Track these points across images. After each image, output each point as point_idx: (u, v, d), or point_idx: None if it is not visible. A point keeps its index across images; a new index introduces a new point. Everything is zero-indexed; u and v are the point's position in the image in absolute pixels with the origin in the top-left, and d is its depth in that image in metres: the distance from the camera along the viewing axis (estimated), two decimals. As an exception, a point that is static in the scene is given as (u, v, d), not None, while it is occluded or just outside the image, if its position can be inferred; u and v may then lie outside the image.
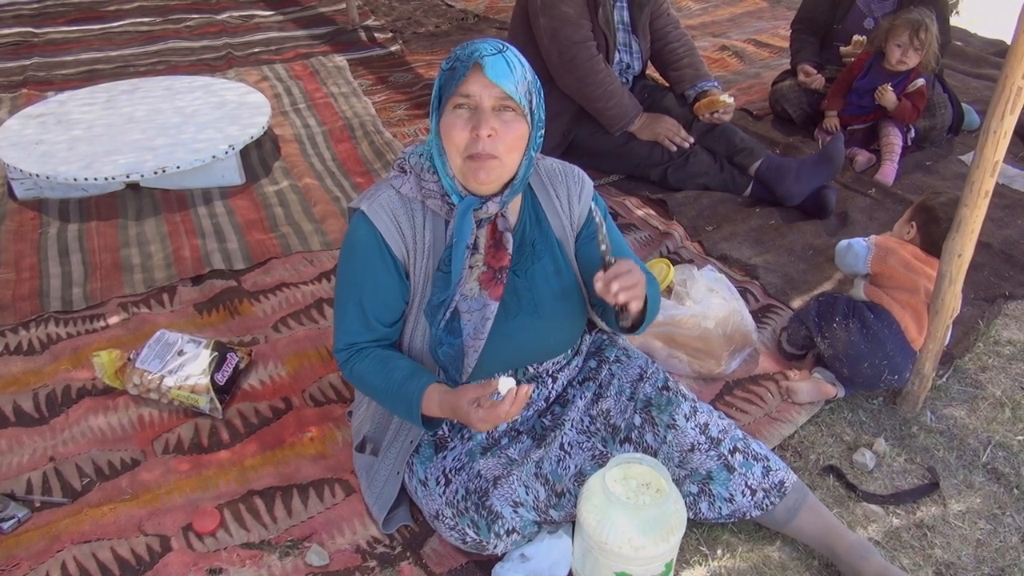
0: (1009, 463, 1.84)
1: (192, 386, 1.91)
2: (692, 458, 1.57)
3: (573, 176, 1.61)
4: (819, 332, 1.99)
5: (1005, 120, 1.56)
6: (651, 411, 1.61)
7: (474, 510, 1.50)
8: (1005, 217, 2.76)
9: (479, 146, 1.36)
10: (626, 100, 2.81)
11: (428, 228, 1.48)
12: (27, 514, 1.69)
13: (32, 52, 4.20)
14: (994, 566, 1.61)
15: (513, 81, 1.35)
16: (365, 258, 1.48)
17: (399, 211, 1.47)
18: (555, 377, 1.68)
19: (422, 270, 1.49)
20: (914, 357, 1.92)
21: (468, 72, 1.33)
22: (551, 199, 1.58)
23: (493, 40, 1.39)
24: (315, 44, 4.43)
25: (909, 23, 2.88)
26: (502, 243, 1.48)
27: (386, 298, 1.50)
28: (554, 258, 1.57)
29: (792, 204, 2.76)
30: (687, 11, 4.98)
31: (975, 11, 4.96)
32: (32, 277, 2.46)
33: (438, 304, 1.47)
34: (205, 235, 2.67)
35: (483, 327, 1.49)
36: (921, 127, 3.12)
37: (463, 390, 1.40)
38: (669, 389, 1.64)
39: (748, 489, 1.57)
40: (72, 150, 2.84)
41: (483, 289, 1.48)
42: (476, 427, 1.38)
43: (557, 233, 1.58)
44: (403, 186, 1.48)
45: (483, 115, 1.35)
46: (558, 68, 2.77)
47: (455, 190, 1.44)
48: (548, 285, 1.55)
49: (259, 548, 1.62)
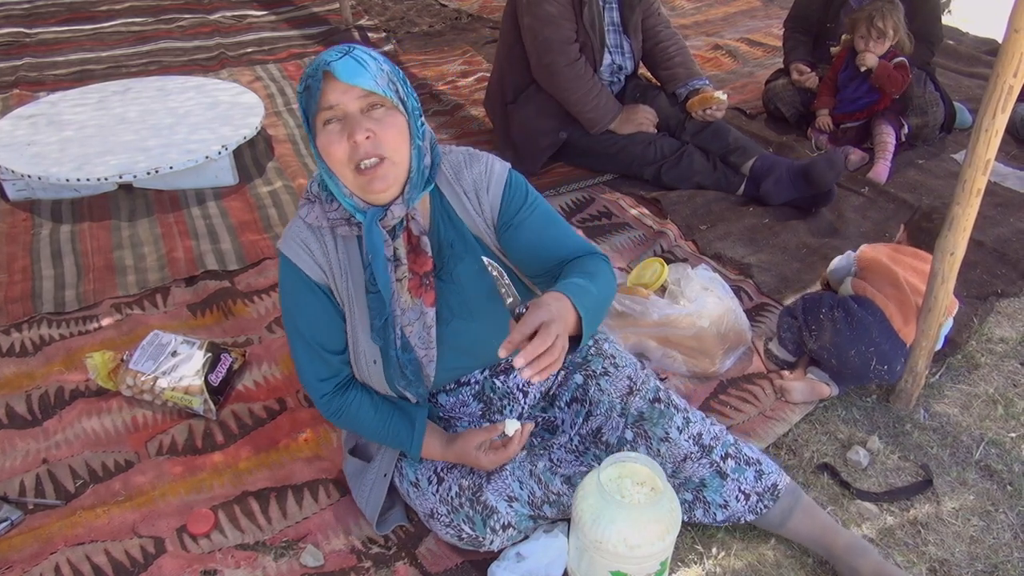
0: (1002, 460, 1.85)
1: (186, 387, 1.91)
2: (685, 467, 1.57)
3: (479, 165, 1.51)
4: (806, 326, 2.00)
5: (997, 118, 1.57)
6: (643, 425, 1.59)
7: (469, 505, 1.50)
8: (997, 215, 2.77)
9: (361, 151, 1.31)
10: (603, 102, 2.81)
11: (341, 251, 1.45)
12: (20, 517, 1.68)
13: (23, 52, 4.18)
14: (987, 563, 1.62)
15: (370, 76, 1.30)
16: (294, 294, 1.48)
17: (308, 239, 1.45)
18: (525, 392, 1.66)
19: (345, 292, 1.46)
20: (904, 350, 1.93)
21: (322, 83, 1.29)
22: (459, 197, 1.50)
23: (338, 46, 1.34)
24: (308, 44, 4.42)
25: (864, 16, 2.96)
26: (420, 247, 1.44)
27: (326, 327, 1.48)
28: (475, 256, 1.50)
29: (771, 204, 2.78)
30: (680, 10, 4.99)
31: (967, 10, 4.98)
32: (24, 279, 2.45)
33: (382, 325, 1.43)
34: (198, 236, 2.66)
35: (428, 335, 1.47)
36: (913, 125, 3.13)
37: (469, 437, 1.51)
38: (660, 401, 1.61)
39: (742, 494, 1.57)
40: (64, 151, 2.83)
41: (415, 297, 1.45)
42: (485, 468, 1.50)
43: (473, 231, 1.51)
44: (309, 215, 1.44)
45: (353, 120, 1.31)
46: (537, 68, 2.79)
47: (357, 208, 1.39)
48: (475, 286, 1.50)
49: (254, 549, 1.62)
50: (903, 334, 1.94)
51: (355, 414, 1.53)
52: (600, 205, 2.84)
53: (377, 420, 1.53)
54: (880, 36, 2.94)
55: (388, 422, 1.53)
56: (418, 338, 1.47)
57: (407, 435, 1.52)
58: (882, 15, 2.91)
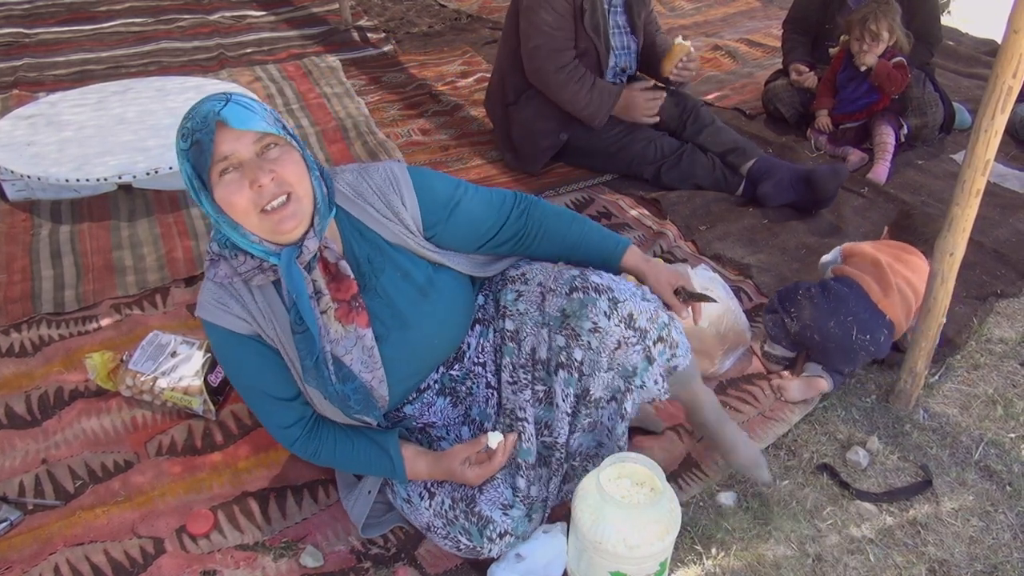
0: (1002, 460, 1.85)
1: (185, 388, 1.91)
2: (618, 356, 1.47)
3: (376, 174, 1.48)
4: (785, 312, 2.02)
5: (996, 119, 1.57)
6: (570, 323, 1.46)
7: (464, 517, 1.49)
8: (997, 216, 2.77)
9: (267, 194, 1.27)
10: (596, 95, 2.77)
11: (260, 299, 1.39)
12: (19, 517, 1.68)
13: (23, 53, 4.17)
14: (987, 563, 1.62)
15: (259, 117, 1.27)
16: (230, 354, 1.44)
17: (223, 297, 1.39)
18: (483, 362, 1.63)
19: (276, 338, 1.41)
20: (884, 321, 1.94)
21: (214, 135, 1.24)
22: (365, 210, 1.46)
23: (210, 97, 1.29)
24: (308, 44, 4.42)
25: (859, 19, 2.97)
26: (340, 273, 1.40)
27: (273, 376, 1.43)
28: (396, 264, 1.47)
29: (768, 206, 2.78)
30: (680, 11, 4.99)
31: (966, 11, 4.98)
32: (24, 279, 2.45)
33: (313, 365, 1.37)
34: (198, 236, 2.66)
35: (371, 358, 1.43)
36: (913, 125, 3.14)
37: (453, 454, 1.50)
38: (578, 289, 1.47)
39: (660, 377, 1.52)
40: (63, 151, 2.83)
41: (347, 324, 1.40)
42: (472, 483, 1.50)
43: (389, 238, 1.47)
44: (217, 274, 1.39)
45: (253, 165, 1.27)
46: (529, 73, 2.79)
47: (269, 252, 1.33)
48: (402, 293, 1.47)
49: (253, 550, 1.62)
50: (882, 305, 1.95)
51: (331, 453, 1.50)
52: (600, 205, 2.84)
53: (355, 454, 1.51)
54: (874, 39, 2.94)
55: (366, 455, 1.51)
56: (361, 363, 1.42)
57: (388, 465, 1.51)
58: (876, 18, 2.92)
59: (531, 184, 2.97)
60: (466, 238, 1.55)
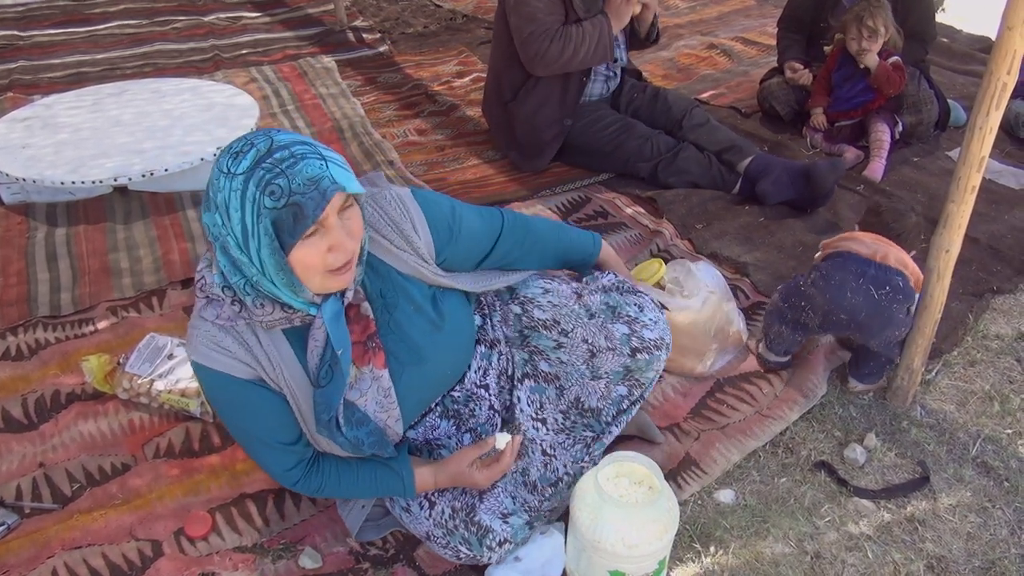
0: (999, 456, 1.86)
1: (182, 390, 1.91)
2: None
3: (387, 205, 1.38)
4: (797, 309, 1.97)
5: (991, 116, 1.57)
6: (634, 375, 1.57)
7: (463, 527, 1.48)
8: (992, 212, 2.77)
9: (341, 258, 1.18)
10: (589, 36, 2.71)
11: (265, 343, 1.28)
12: (16, 521, 1.68)
13: (17, 55, 4.16)
14: (984, 559, 1.62)
15: (352, 174, 1.18)
16: (229, 401, 1.32)
17: (221, 339, 1.26)
18: (486, 385, 1.62)
19: (285, 386, 1.31)
20: (893, 269, 1.91)
21: (327, 202, 1.12)
22: (379, 243, 1.37)
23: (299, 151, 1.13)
24: (303, 45, 4.42)
25: (853, 18, 2.97)
26: (361, 315, 1.33)
27: (277, 420, 1.34)
28: (409, 297, 1.40)
29: (767, 203, 2.78)
30: (675, 9, 4.99)
31: (961, 8, 4.99)
32: (20, 282, 2.44)
33: (328, 420, 1.29)
34: (194, 238, 2.65)
35: (387, 398, 1.38)
36: (908, 123, 3.14)
37: (459, 457, 1.48)
38: (640, 350, 1.54)
39: None
40: (59, 154, 2.82)
41: (361, 367, 1.34)
42: (481, 486, 1.48)
43: (402, 270, 1.39)
44: (218, 317, 1.26)
45: (335, 230, 1.16)
46: (529, 64, 2.77)
47: (310, 303, 1.24)
48: (416, 326, 1.41)
49: (252, 552, 1.62)
50: (879, 258, 1.92)
51: (336, 484, 1.44)
52: (596, 205, 2.84)
53: (361, 481, 1.46)
54: (872, 34, 2.94)
55: (372, 478, 1.46)
56: (376, 404, 1.37)
57: (397, 484, 1.46)
58: (871, 14, 2.92)
59: (528, 184, 2.97)
60: (468, 255, 1.51)
